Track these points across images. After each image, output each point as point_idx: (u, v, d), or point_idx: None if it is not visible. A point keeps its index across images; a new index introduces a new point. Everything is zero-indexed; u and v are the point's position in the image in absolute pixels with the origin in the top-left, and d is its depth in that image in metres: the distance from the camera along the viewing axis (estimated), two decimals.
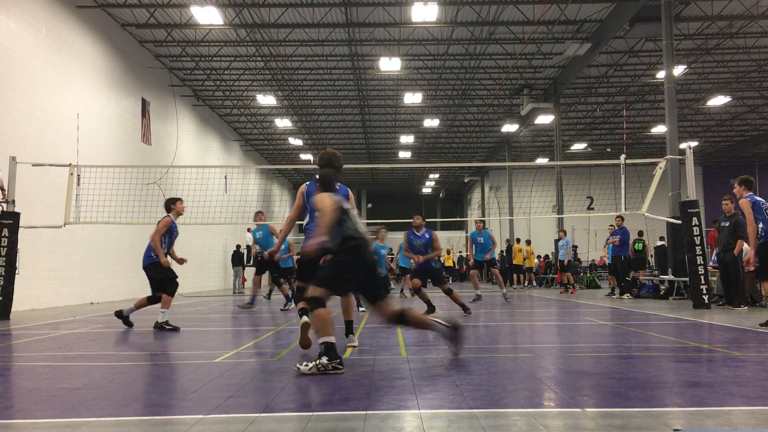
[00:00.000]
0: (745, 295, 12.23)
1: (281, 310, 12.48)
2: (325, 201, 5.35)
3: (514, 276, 25.32)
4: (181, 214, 9.29)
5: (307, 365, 4.90)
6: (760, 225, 8.61)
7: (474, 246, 14.50)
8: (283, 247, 9.97)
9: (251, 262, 21.14)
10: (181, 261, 9.23)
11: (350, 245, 5.26)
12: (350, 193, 6.49)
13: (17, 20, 14.04)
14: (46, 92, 15.05)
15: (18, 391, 4.61)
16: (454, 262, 37.24)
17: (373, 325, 9.02)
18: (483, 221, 15.14)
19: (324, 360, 4.89)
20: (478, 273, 14.91)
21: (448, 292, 10.59)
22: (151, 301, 8.97)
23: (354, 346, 6.42)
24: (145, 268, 8.92)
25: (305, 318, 5.80)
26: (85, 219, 12.77)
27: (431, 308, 10.39)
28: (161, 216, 9.33)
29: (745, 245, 13.57)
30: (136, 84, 20.56)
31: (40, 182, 14.10)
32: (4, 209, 11.62)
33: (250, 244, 18.40)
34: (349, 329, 6.60)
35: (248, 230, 23.80)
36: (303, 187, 6.40)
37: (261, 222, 13.57)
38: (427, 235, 10.78)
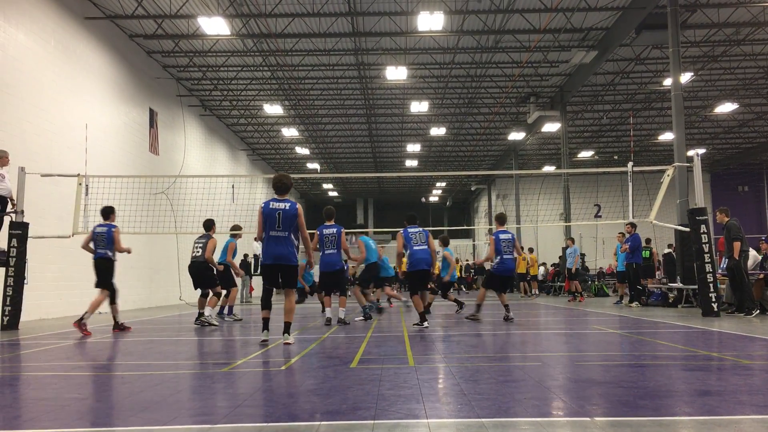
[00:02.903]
0: (753, 300, 12.16)
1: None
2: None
3: (521, 285, 25.24)
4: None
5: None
6: (498, 258, 10.91)
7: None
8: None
9: (258, 272, 21.17)
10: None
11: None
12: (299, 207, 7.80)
13: (26, 32, 14.17)
14: (54, 103, 15.17)
15: (26, 401, 4.62)
16: (461, 270, 37.08)
17: (379, 334, 9.01)
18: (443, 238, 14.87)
19: None
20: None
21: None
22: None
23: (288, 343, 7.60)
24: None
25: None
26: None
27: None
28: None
29: (752, 251, 13.56)
30: (144, 94, 20.69)
31: (49, 192, 14.18)
32: (13, 219, 11.67)
33: (258, 253, 18.43)
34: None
35: (255, 239, 23.85)
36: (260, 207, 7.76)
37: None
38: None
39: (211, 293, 11.37)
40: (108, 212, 10.69)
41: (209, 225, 11.80)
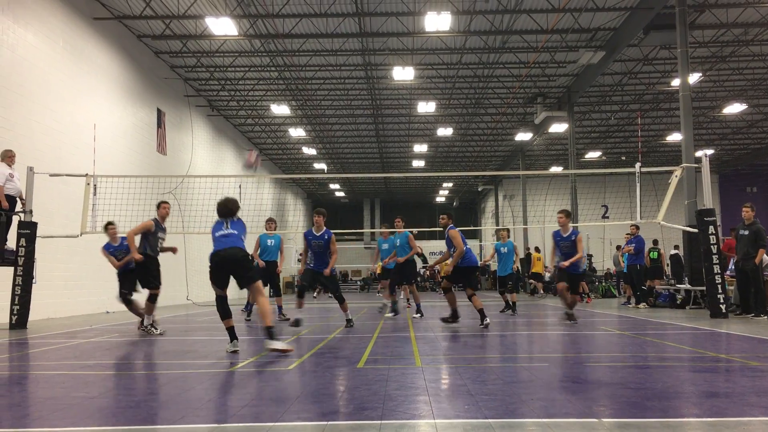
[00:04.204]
0: (765, 304, 12.06)
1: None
2: None
3: (530, 284, 25.19)
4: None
5: None
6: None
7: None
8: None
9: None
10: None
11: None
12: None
13: (35, 33, 14.24)
14: (63, 103, 15.24)
15: (35, 400, 4.65)
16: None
17: (386, 335, 9.01)
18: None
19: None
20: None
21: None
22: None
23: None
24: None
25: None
26: (101, 229, 12.84)
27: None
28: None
29: (766, 255, 13.46)
30: (152, 94, 20.76)
31: (57, 192, 14.24)
32: (22, 219, 11.74)
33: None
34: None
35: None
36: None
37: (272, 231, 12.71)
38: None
39: (148, 296, 9.58)
40: None
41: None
